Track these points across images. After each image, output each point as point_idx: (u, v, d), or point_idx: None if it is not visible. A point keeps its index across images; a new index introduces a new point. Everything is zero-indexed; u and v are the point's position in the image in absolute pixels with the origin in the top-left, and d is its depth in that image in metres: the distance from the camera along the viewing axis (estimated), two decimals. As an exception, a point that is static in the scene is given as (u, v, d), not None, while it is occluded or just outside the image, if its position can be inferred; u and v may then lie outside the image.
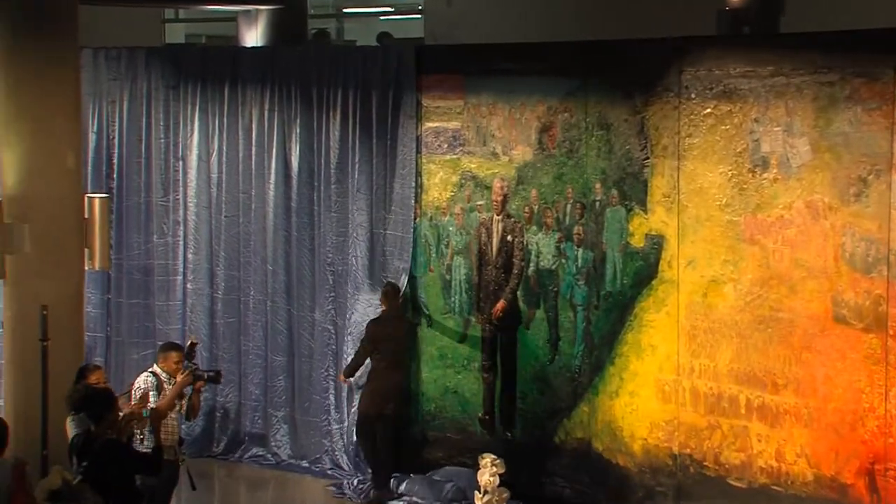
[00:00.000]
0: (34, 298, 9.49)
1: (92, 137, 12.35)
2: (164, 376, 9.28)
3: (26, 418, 9.60)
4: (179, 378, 9.10)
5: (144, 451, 8.37)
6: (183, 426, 9.65)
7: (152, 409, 8.66)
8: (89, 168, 12.16)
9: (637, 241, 10.02)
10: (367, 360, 11.00)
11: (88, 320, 11.29)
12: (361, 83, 11.33)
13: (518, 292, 10.73)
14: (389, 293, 10.95)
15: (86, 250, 9.88)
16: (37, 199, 9.71)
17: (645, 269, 9.97)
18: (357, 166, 11.36)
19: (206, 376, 9.24)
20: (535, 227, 10.65)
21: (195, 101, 12.11)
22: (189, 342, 9.48)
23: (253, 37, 13.43)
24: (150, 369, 9.37)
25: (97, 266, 10.04)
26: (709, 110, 9.54)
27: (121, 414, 8.54)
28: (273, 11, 13.17)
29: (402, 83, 11.11)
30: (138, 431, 8.55)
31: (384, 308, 10.97)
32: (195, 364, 9.25)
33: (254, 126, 11.88)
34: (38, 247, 9.64)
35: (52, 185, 9.76)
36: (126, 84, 12.33)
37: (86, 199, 9.97)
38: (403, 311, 11.17)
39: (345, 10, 17.52)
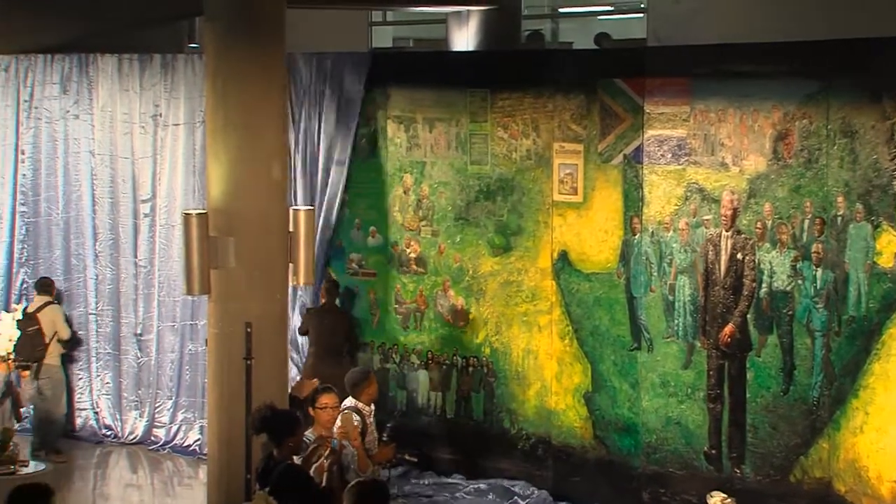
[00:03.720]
0: (239, 315, 9.69)
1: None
2: (366, 410, 9.16)
3: (229, 440, 9.85)
4: (386, 451, 9.06)
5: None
6: None
7: (341, 444, 8.59)
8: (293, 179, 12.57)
9: (885, 261, 9.80)
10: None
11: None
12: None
13: (748, 316, 10.61)
14: (330, 288, 12.20)
15: (290, 265, 10.10)
16: (242, 212, 9.95)
17: (894, 291, 9.72)
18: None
19: (406, 458, 9.41)
20: (768, 245, 10.51)
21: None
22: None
23: (463, 39, 13.66)
24: (348, 405, 9.13)
25: (301, 282, 10.20)
26: (969, 115, 9.29)
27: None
28: (485, 12, 13.34)
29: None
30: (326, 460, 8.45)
31: (324, 301, 12.19)
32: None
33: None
34: (243, 261, 9.90)
35: (258, 197, 9.99)
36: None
37: (290, 211, 10.18)
38: (343, 307, 12.37)
39: (560, 10, 17.61)
